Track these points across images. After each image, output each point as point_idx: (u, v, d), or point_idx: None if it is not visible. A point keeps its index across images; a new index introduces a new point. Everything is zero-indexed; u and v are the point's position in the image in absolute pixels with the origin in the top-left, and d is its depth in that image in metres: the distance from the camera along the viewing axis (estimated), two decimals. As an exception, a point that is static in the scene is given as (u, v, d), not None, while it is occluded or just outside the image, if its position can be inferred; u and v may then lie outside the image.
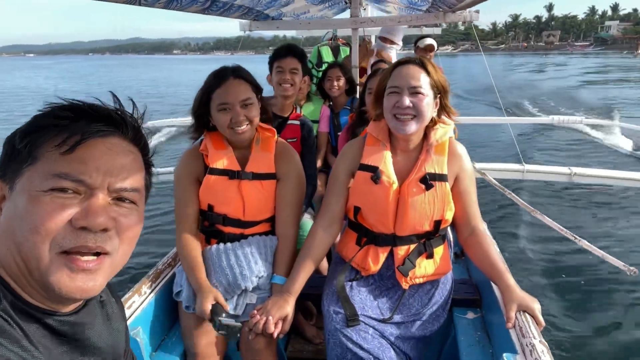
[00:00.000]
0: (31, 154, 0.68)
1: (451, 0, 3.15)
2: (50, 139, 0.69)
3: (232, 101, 1.75)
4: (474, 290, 2.05)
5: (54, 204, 0.65)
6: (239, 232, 1.87)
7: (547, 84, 25.15)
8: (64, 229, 0.65)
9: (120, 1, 1.95)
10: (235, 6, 3.11)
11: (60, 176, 0.66)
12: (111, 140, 0.73)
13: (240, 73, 1.83)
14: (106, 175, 0.70)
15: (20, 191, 0.67)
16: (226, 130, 1.78)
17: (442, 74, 1.73)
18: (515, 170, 4.34)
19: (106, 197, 0.70)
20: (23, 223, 0.65)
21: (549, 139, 10.62)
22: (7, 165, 0.70)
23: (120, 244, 0.72)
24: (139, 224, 0.76)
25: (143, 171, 0.79)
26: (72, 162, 0.67)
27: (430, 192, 1.66)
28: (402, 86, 1.62)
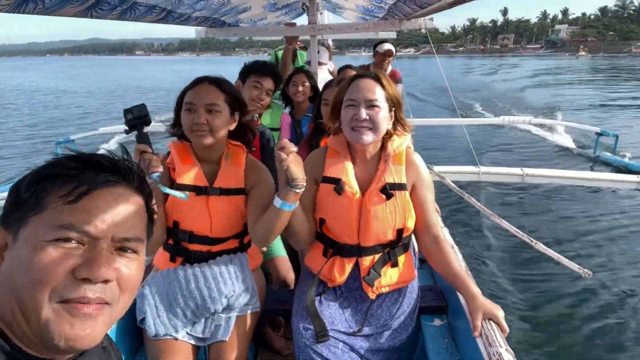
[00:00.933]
0: (37, 203, 0.69)
1: (406, 9, 3.22)
2: (57, 189, 0.69)
3: (197, 102, 1.71)
4: (440, 296, 2.10)
5: (58, 254, 0.66)
6: (206, 249, 1.83)
7: (498, 85, 26.22)
8: (65, 279, 0.66)
9: (70, 14, 1.86)
10: (192, 17, 3.05)
11: (65, 227, 0.67)
12: (117, 189, 0.74)
13: (219, 81, 1.80)
14: (110, 225, 0.70)
15: (24, 241, 0.67)
16: (189, 132, 1.74)
17: (395, 88, 1.77)
18: (472, 172, 4.50)
19: (109, 247, 0.71)
20: (25, 273, 0.65)
21: (500, 138, 11.05)
22: (12, 214, 0.70)
23: (120, 294, 0.72)
24: (139, 273, 0.77)
25: (146, 220, 0.80)
26: (78, 212, 0.68)
27: (391, 202, 1.71)
28: (359, 99, 1.66)
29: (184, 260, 1.83)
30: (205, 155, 1.82)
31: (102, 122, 14.54)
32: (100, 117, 17.80)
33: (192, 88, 1.76)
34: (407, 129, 1.81)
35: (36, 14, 1.66)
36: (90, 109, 20.32)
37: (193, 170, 1.79)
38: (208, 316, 1.76)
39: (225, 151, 1.85)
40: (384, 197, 1.70)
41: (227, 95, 1.78)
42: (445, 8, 2.53)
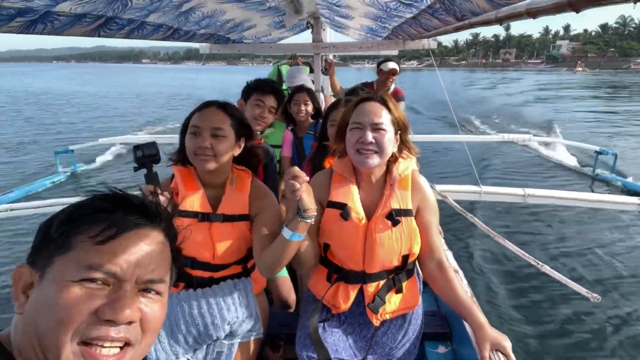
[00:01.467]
0: (65, 243, 0.69)
1: (411, 31, 3.24)
2: (86, 229, 0.70)
3: (203, 126, 1.69)
4: (444, 322, 2.07)
5: (82, 294, 0.66)
6: (208, 275, 1.79)
7: (497, 99, 26.37)
8: (88, 319, 0.66)
9: (78, 34, 1.87)
10: (198, 34, 3.07)
11: (93, 267, 0.68)
12: (144, 231, 0.75)
13: (226, 106, 1.78)
14: (136, 267, 0.71)
15: (50, 280, 0.67)
16: (192, 156, 1.71)
17: (401, 111, 1.77)
18: (473, 191, 4.49)
19: (134, 288, 0.71)
20: (49, 312, 0.65)
21: (500, 155, 11.07)
22: (39, 253, 0.71)
23: (143, 335, 0.72)
24: (162, 315, 0.77)
25: (170, 261, 0.81)
26: (105, 253, 0.69)
27: (397, 228, 1.68)
28: (365, 122, 1.65)
29: (186, 285, 1.81)
30: (209, 180, 1.80)
31: (111, 130, 14.62)
32: (110, 124, 17.89)
33: (198, 112, 1.75)
34: (412, 153, 1.80)
35: (45, 34, 1.66)
36: (96, 116, 20.40)
37: (196, 196, 1.76)
38: (210, 342, 1.73)
39: (230, 176, 1.83)
40: (389, 223, 1.68)
41: (233, 119, 1.76)
42: (451, 32, 2.54)
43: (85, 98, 30.85)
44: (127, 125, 17.54)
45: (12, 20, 1.44)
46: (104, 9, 1.75)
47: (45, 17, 1.55)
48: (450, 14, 2.05)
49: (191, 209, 1.74)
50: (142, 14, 2.07)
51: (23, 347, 0.67)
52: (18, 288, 0.70)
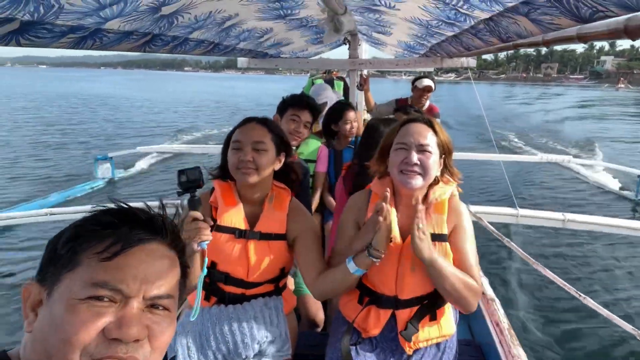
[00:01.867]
0: (72, 260, 0.69)
1: (451, 49, 3.19)
2: (92, 245, 0.70)
3: (245, 140, 1.72)
4: (478, 352, 2.00)
5: (89, 313, 0.66)
6: (240, 292, 1.79)
7: (537, 116, 25.76)
8: (96, 339, 0.65)
9: (126, 50, 1.92)
10: (237, 49, 3.12)
11: (99, 285, 0.67)
12: (150, 245, 0.74)
13: (266, 121, 1.81)
14: (142, 283, 0.71)
15: (58, 299, 0.67)
16: (234, 171, 1.73)
17: (447, 134, 1.73)
18: (510, 214, 4.34)
19: (141, 305, 0.71)
20: (57, 332, 0.65)
21: (537, 176, 10.76)
22: (47, 270, 0.71)
23: (151, 352, 0.71)
24: (172, 331, 0.76)
25: (178, 275, 0.79)
26: (111, 270, 0.69)
27: None
28: (411, 143, 1.62)
29: (218, 300, 1.81)
30: (249, 196, 1.80)
31: (149, 137, 15.06)
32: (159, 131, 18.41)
33: (240, 127, 1.77)
34: (455, 178, 1.75)
35: (94, 49, 1.72)
36: (137, 122, 21.12)
37: (235, 212, 1.77)
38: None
39: (270, 194, 1.83)
40: None
41: (274, 134, 1.78)
42: (493, 52, 2.48)
43: (131, 103, 32.32)
44: (165, 132, 18.10)
45: (64, 36, 1.49)
46: (150, 27, 1.80)
47: (94, 33, 1.60)
48: (494, 35, 2.00)
49: (229, 224, 1.75)
50: (187, 31, 2.12)
51: None
52: (27, 306, 0.70)
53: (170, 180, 10.15)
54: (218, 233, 1.74)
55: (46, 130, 18.64)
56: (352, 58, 4.30)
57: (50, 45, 1.43)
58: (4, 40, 1.25)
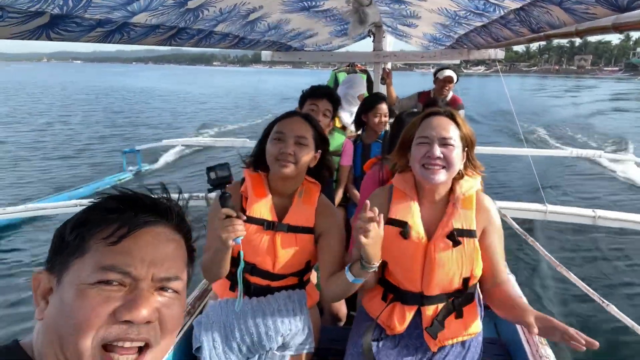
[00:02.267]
0: (80, 246, 0.70)
1: (479, 40, 3.11)
2: (98, 231, 0.70)
3: (288, 132, 1.72)
4: (504, 351, 1.96)
5: (99, 297, 0.66)
6: (266, 283, 1.80)
7: (567, 109, 25.02)
8: (107, 322, 0.66)
9: (152, 43, 1.94)
10: (261, 42, 3.12)
11: (107, 268, 0.68)
12: (156, 229, 0.75)
13: (308, 117, 1.82)
14: (150, 265, 0.71)
15: (67, 285, 0.68)
16: (273, 160, 1.72)
17: (469, 127, 1.68)
18: (537, 210, 4.23)
19: (150, 287, 0.71)
20: (68, 318, 0.66)
21: (567, 172, 10.47)
22: (56, 258, 0.71)
23: (162, 335, 0.72)
24: (181, 313, 0.76)
25: (185, 257, 0.80)
26: (119, 253, 0.69)
27: (458, 249, 1.60)
28: (433, 137, 1.58)
29: (244, 291, 1.82)
30: (279, 188, 1.81)
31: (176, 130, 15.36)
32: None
33: (283, 120, 1.78)
34: (477, 171, 1.71)
35: (121, 43, 1.74)
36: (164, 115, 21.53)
37: (264, 203, 1.77)
38: (262, 353, 1.73)
39: (300, 188, 1.83)
40: (450, 243, 1.60)
41: (315, 131, 1.79)
42: (523, 43, 2.41)
43: (162, 97, 33.28)
44: (193, 125, 18.39)
45: (92, 30, 1.52)
46: (176, 20, 1.81)
47: (122, 27, 1.62)
48: (524, 25, 1.94)
49: (258, 215, 1.76)
50: (212, 24, 2.13)
51: (45, 352, 0.68)
52: (37, 294, 0.71)
53: (195, 172, 10.31)
54: (246, 224, 1.75)
55: (78, 123, 19.18)
56: (376, 51, 4.24)
57: (79, 39, 1.45)
58: (35, 34, 1.27)
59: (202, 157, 11.79)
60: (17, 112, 22.91)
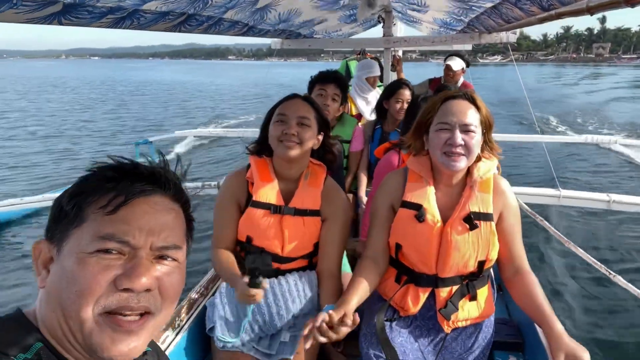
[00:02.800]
0: (78, 216, 0.70)
1: (490, 23, 3.08)
2: (95, 200, 0.70)
3: (290, 114, 1.74)
4: (516, 332, 1.96)
5: (99, 266, 0.67)
6: (275, 266, 1.83)
7: (581, 97, 24.62)
8: (107, 290, 0.67)
9: (162, 29, 1.96)
10: (270, 30, 3.13)
11: (106, 237, 0.68)
12: (153, 198, 0.74)
13: (310, 99, 1.84)
14: (149, 234, 0.71)
15: (67, 253, 0.69)
16: (276, 142, 1.74)
17: (487, 108, 1.66)
18: (551, 195, 4.18)
19: (149, 256, 0.71)
20: (69, 286, 0.66)
21: (580, 159, 10.32)
22: (55, 227, 0.72)
23: (162, 303, 0.73)
24: (181, 282, 0.76)
25: (184, 227, 0.80)
26: (116, 222, 0.69)
27: (474, 232, 1.59)
28: (454, 123, 1.55)
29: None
30: (285, 172, 1.82)
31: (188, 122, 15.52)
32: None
33: (285, 102, 1.80)
34: (494, 153, 1.69)
35: (132, 29, 1.76)
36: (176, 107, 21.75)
37: (270, 188, 1.79)
38: (274, 333, 1.76)
39: (305, 171, 1.85)
40: (467, 226, 1.59)
41: (317, 113, 1.80)
42: (534, 23, 2.38)
43: (178, 89, 34.00)
44: (205, 115, 18.59)
45: (104, 17, 1.54)
46: (186, 7, 1.83)
47: (133, 14, 1.64)
48: (535, 4, 1.92)
49: (265, 200, 1.78)
50: (220, 10, 2.14)
51: (48, 319, 0.69)
52: (38, 263, 0.72)
53: (206, 162, 10.46)
54: (253, 208, 1.78)
55: (92, 115, 19.50)
56: (386, 36, 4.21)
57: (90, 25, 1.48)
58: (47, 20, 1.30)
59: (214, 147, 11.91)
60: (36, 106, 23.34)
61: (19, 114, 19.85)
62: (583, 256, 2.78)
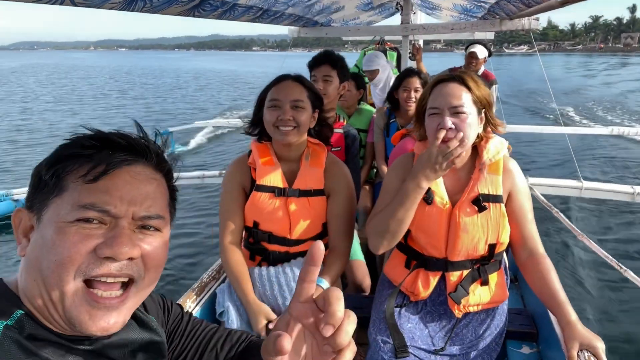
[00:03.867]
0: (57, 185, 0.69)
1: (510, 8, 3.00)
2: (75, 169, 0.69)
3: (283, 99, 1.71)
4: (530, 322, 1.92)
5: (80, 235, 0.66)
6: (284, 250, 1.83)
7: (603, 89, 23.99)
8: (88, 259, 0.66)
9: (175, 13, 1.96)
10: (285, 14, 3.10)
11: (86, 207, 0.67)
12: (135, 168, 0.73)
13: (301, 79, 1.80)
14: (130, 204, 0.70)
15: (47, 222, 0.68)
16: (272, 128, 1.73)
17: (484, 87, 1.61)
18: (573, 187, 4.08)
19: (131, 226, 0.70)
20: (49, 254, 0.65)
21: (603, 150, 10.04)
22: (35, 196, 0.70)
23: (146, 272, 0.72)
24: (163, 251, 0.75)
25: (167, 197, 0.79)
26: (97, 192, 0.68)
27: (483, 214, 1.57)
28: (443, 107, 1.52)
29: (263, 259, 1.85)
30: (285, 155, 1.82)
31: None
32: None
33: (276, 85, 1.76)
34: (497, 129, 1.65)
35: (144, 11, 1.76)
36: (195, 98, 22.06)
37: (273, 171, 1.79)
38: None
39: (305, 151, 1.84)
40: (475, 208, 1.57)
41: (310, 91, 1.77)
42: (556, 7, 2.30)
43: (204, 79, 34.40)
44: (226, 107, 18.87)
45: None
46: (197, -11, 1.82)
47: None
48: (556, -15, 1.85)
49: (268, 183, 1.78)
50: (233, -7, 2.13)
51: (29, 289, 0.68)
52: (19, 232, 0.71)
53: (224, 151, 10.59)
54: (258, 193, 1.78)
55: (117, 105, 19.93)
56: (404, 24, 4.14)
57: (102, 6, 1.48)
58: (59, 0, 1.31)
59: (233, 138, 12.02)
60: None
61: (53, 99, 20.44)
62: (594, 248, 2.74)
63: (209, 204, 6.79)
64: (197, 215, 6.42)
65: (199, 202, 6.92)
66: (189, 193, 7.02)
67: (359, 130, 3.06)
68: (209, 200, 6.87)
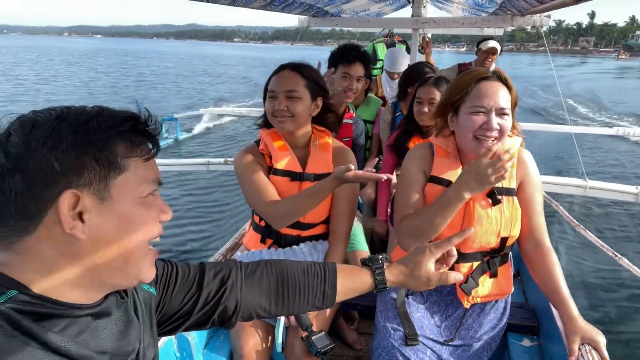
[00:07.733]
0: (114, 165, 0.71)
1: (522, 4, 2.99)
2: (129, 149, 0.73)
3: (277, 89, 1.74)
4: (531, 315, 1.94)
5: (153, 206, 0.77)
6: (296, 233, 1.86)
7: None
8: (156, 225, 0.78)
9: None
10: (296, 3, 3.10)
11: (154, 181, 0.77)
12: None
13: (300, 67, 1.79)
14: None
15: (120, 200, 0.71)
16: (271, 119, 1.78)
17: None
18: (577, 185, 4.08)
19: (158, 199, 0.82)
20: (131, 227, 0.73)
21: (603, 151, 10.05)
22: (81, 178, 0.68)
23: None
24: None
25: None
26: (153, 167, 0.78)
27: (497, 208, 1.58)
28: (490, 107, 1.50)
29: (274, 242, 1.88)
30: (292, 141, 1.85)
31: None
32: None
33: (274, 76, 1.79)
34: (515, 131, 1.66)
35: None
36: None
37: (288, 156, 1.82)
38: None
39: (313, 137, 1.87)
40: (490, 202, 1.58)
41: (308, 80, 1.77)
42: (570, 4, 2.29)
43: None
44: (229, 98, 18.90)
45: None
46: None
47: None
48: (572, -19, 1.85)
49: (284, 167, 1.80)
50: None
51: (104, 271, 0.73)
52: (73, 213, 0.67)
53: (227, 139, 10.67)
54: (275, 176, 1.81)
55: (120, 92, 19.91)
56: (415, 17, 4.13)
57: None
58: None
59: (236, 125, 12.05)
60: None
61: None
62: (590, 238, 2.77)
63: (214, 190, 6.84)
64: (203, 200, 6.46)
65: (204, 188, 6.97)
66: (194, 179, 7.06)
67: (365, 121, 3.07)
68: (214, 188, 6.92)
